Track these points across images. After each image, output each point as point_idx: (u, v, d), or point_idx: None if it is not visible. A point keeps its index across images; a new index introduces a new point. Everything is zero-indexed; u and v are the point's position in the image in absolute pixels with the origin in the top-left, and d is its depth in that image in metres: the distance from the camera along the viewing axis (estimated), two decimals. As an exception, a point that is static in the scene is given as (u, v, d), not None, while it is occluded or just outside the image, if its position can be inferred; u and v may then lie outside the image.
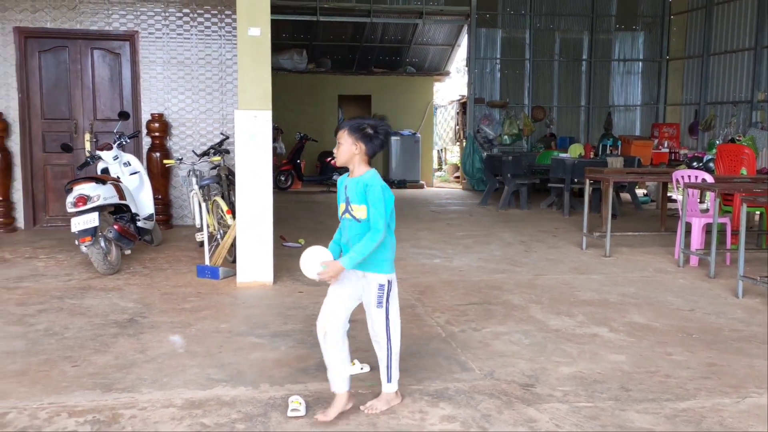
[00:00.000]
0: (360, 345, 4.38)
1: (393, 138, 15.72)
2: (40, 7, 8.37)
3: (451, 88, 19.98)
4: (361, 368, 3.91)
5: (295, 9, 13.53)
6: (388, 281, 3.39)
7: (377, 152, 3.34)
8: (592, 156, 11.91)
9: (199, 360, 4.12)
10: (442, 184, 17.08)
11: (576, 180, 10.32)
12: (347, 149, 3.29)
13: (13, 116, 8.42)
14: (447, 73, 17.75)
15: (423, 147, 16.15)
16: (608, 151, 12.26)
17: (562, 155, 11.33)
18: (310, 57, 15.88)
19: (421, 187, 15.77)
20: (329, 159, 14.52)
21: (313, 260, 3.44)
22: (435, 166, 18.35)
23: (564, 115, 15.25)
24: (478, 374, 3.90)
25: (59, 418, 3.29)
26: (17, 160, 8.48)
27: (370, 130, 3.27)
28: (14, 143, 8.45)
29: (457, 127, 17.41)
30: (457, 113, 17.43)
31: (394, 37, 16.33)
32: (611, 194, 8.12)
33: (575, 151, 11.68)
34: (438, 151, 19.40)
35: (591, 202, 8.34)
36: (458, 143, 17.54)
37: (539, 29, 14.98)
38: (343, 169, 3.60)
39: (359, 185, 3.27)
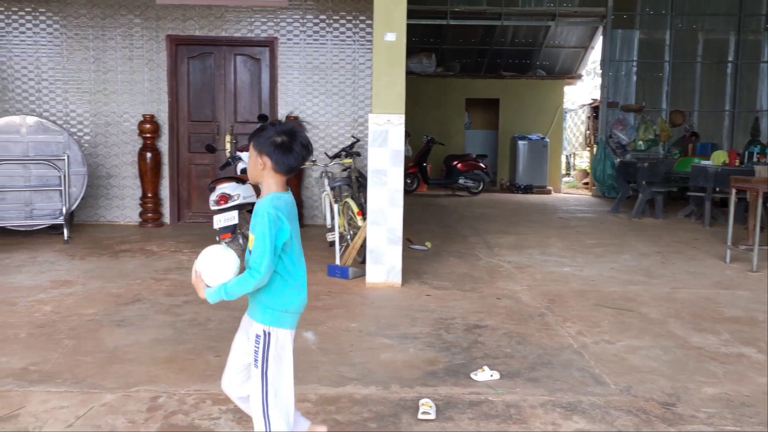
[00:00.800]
0: (488, 351, 4.36)
1: (520, 142, 15.51)
2: (189, 16, 8.89)
3: (582, 92, 19.43)
4: (491, 375, 3.88)
5: (426, 13, 13.61)
6: (266, 333, 2.61)
7: (294, 168, 2.59)
8: (737, 164, 11.21)
9: (331, 357, 4.23)
10: (570, 190, 16.64)
11: (719, 189, 9.75)
12: (252, 165, 2.61)
13: (163, 118, 9.00)
14: (579, 76, 17.29)
15: (551, 152, 15.82)
16: (755, 159, 11.50)
17: (704, 162, 10.73)
18: (439, 60, 15.94)
19: (548, 192, 15.46)
20: (455, 162, 14.52)
21: (211, 261, 2.72)
22: (563, 171, 17.92)
23: (706, 120, 14.45)
24: (613, 389, 3.77)
25: (204, 404, 3.49)
26: (165, 160, 9.05)
27: (279, 140, 2.56)
28: (163, 144, 9.03)
29: (588, 131, 16.92)
30: (588, 117, 16.93)
31: (525, 39, 16.09)
32: (760, 205, 7.62)
33: (718, 158, 11.03)
34: (567, 156, 18.93)
35: (735, 212, 7.86)
36: (588, 148, 17.03)
37: (681, 30, 14.28)
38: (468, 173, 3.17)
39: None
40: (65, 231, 7.77)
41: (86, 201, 8.81)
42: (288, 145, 2.55)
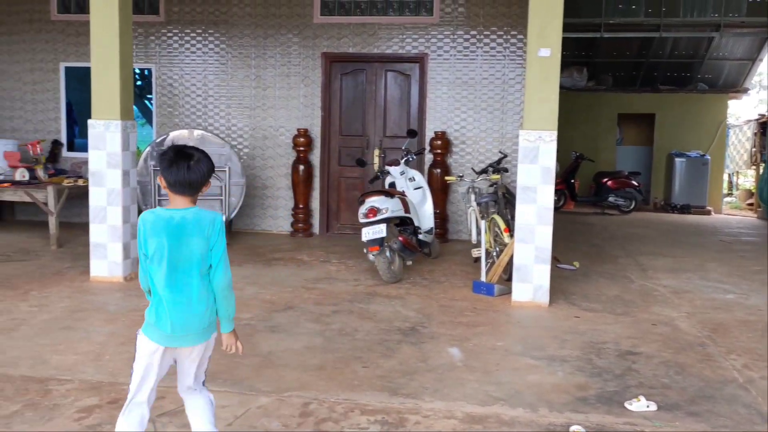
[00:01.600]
0: (644, 380, 4.15)
1: (677, 159, 14.72)
2: (344, 34, 9.21)
3: (747, 106, 18.15)
4: (647, 406, 3.69)
5: (579, 26, 13.26)
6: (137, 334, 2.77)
7: (177, 180, 2.63)
8: None
9: (477, 375, 4.19)
10: (733, 212, 15.56)
11: None
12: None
13: (316, 132, 9.36)
14: (744, 90, 16.16)
15: (712, 170, 14.88)
16: None
17: None
18: (591, 74, 15.47)
19: (708, 213, 14.54)
20: (606, 179, 14.01)
21: None
22: (725, 191, 16.80)
23: None
24: (785, 430, 3.48)
25: (353, 414, 3.57)
26: (317, 172, 9.40)
27: (164, 158, 2.67)
28: (315, 157, 9.38)
29: (754, 149, 15.75)
30: (755, 134, 15.76)
31: (685, 51, 15.26)
32: None
33: None
34: (729, 174, 17.73)
35: None
36: (754, 167, 15.86)
37: None
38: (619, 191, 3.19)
39: None
40: (224, 238, 8.24)
41: (243, 210, 9.31)
42: (168, 161, 2.66)
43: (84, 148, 9.50)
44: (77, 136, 9.99)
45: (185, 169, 2.66)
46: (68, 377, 4.01)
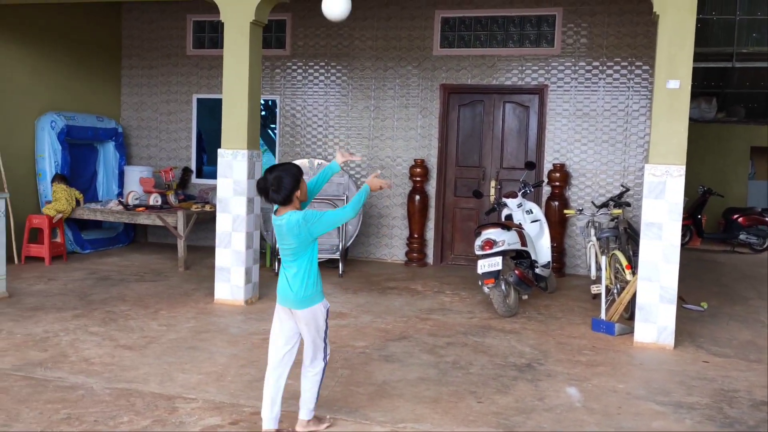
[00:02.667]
0: None
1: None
2: (463, 66, 9.26)
3: None
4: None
5: (709, 56, 12.70)
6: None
7: (269, 199, 3.52)
8: None
9: (597, 418, 4.04)
10: None
11: None
12: None
13: (432, 163, 9.42)
14: None
15: None
16: None
17: None
18: (720, 105, 14.73)
19: None
20: (736, 216, 13.23)
21: None
22: None
23: None
24: None
25: (467, 450, 3.52)
26: (432, 202, 9.43)
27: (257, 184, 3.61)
28: (431, 187, 9.43)
29: None
30: None
31: (826, 81, 14.28)
32: None
33: None
34: None
35: None
36: None
37: None
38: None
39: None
40: (341, 266, 8.41)
41: (359, 239, 9.47)
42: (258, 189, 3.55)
43: (211, 175, 10.03)
44: (206, 164, 10.53)
45: (275, 192, 3.48)
46: (193, 396, 4.19)
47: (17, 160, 8.75)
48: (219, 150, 6.76)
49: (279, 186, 3.45)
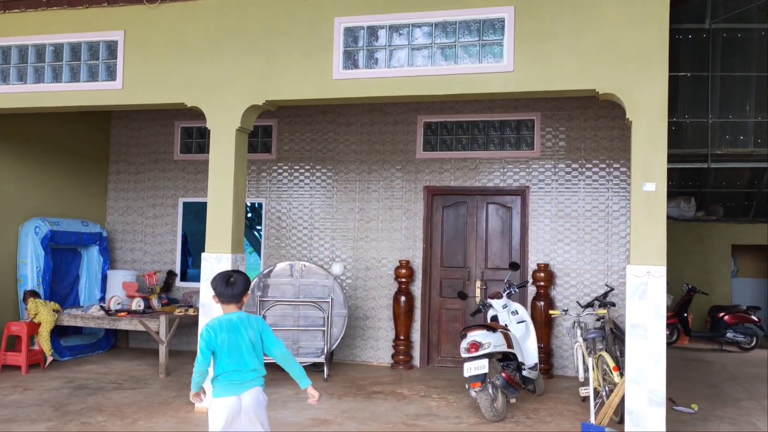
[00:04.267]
0: None
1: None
2: (446, 168, 9.45)
3: None
4: None
5: (684, 157, 13.05)
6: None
7: (223, 293, 3.98)
8: None
9: None
10: None
11: None
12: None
13: (418, 264, 9.44)
14: None
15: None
16: None
17: None
18: (699, 204, 15.02)
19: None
20: (722, 314, 13.23)
21: None
22: None
23: None
24: None
25: None
26: (418, 303, 9.40)
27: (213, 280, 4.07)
28: (416, 288, 9.42)
29: None
30: None
31: (802, 180, 14.64)
32: None
33: None
34: None
35: None
36: None
37: None
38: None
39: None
40: (325, 369, 8.26)
41: (344, 341, 9.35)
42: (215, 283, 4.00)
43: (196, 278, 9.94)
44: (191, 267, 10.50)
45: (228, 286, 3.95)
46: None
47: (-1, 266, 8.70)
48: (203, 254, 6.76)
49: (236, 283, 3.98)
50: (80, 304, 9.73)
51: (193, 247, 10.50)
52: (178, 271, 10.39)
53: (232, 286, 3.96)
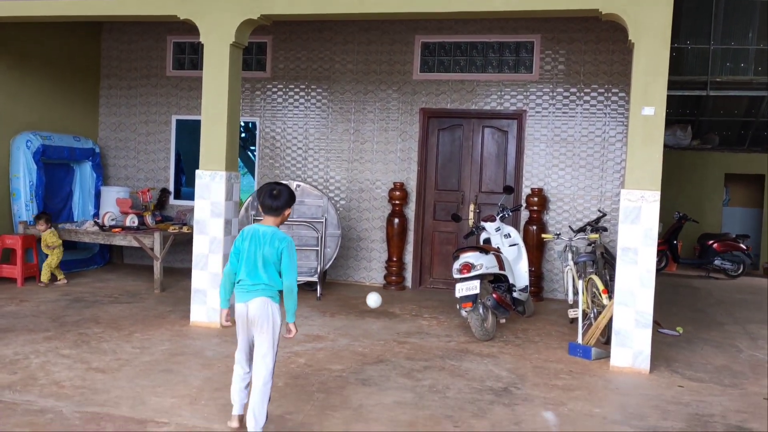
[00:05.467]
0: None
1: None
2: (442, 91, 9.33)
3: None
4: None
5: (683, 84, 12.92)
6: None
7: (265, 204, 3.96)
8: None
9: (573, 443, 4.03)
10: None
11: None
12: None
13: (412, 186, 9.44)
14: None
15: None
16: None
17: None
18: (695, 133, 14.97)
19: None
20: (711, 242, 13.38)
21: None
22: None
23: None
24: None
25: (443, 475, 3.48)
26: (411, 226, 9.45)
27: (260, 189, 4.07)
28: (410, 210, 9.45)
29: None
30: None
31: (798, 110, 14.55)
32: None
33: None
34: None
35: None
36: None
37: None
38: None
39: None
40: (318, 288, 8.36)
41: (338, 261, 9.44)
42: (261, 192, 3.98)
43: (189, 197, 9.97)
44: (184, 185, 10.48)
45: (269, 197, 3.94)
46: (165, 420, 4.12)
47: (-9, 180, 8.66)
48: (197, 171, 6.73)
49: (280, 196, 3.95)
50: (74, 219, 9.73)
51: (186, 165, 10.44)
52: (171, 189, 10.37)
53: (275, 198, 3.93)
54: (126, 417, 4.14)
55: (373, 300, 4.34)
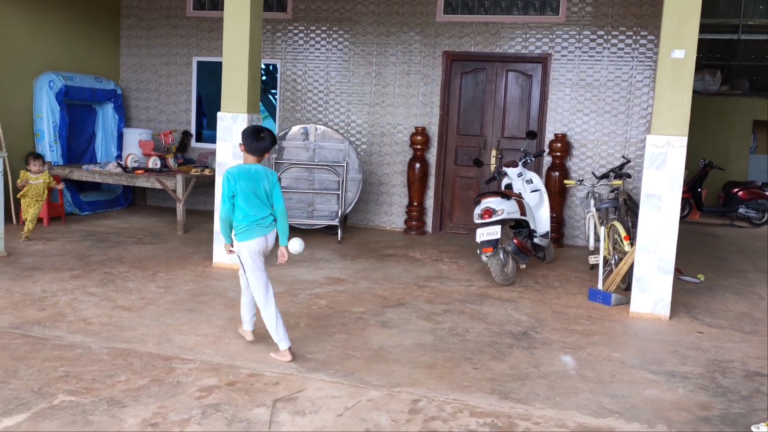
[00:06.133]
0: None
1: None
2: (466, 33, 9.16)
3: None
4: None
5: (714, 27, 12.59)
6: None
7: (251, 146, 4.28)
8: None
9: (591, 386, 4.07)
10: None
11: None
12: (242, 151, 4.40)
13: (434, 131, 9.36)
14: None
15: None
16: None
17: None
18: (724, 78, 14.64)
19: None
20: (736, 189, 13.21)
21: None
22: None
23: None
24: None
25: (462, 415, 3.55)
26: (432, 171, 9.40)
27: (248, 132, 4.33)
28: (431, 155, 9.39)
29: None
30: None
31: (831, 56, 14.16)
32: None
33: None
34: None
35: None
36: None
37: None
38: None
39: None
40: (339, 232, 8.41)
41: (358, 205, 9.46)
42: (247, 134, 4.31)
43: (211, 140, 9.98)
44: (205, 128, 10.48)
45: (256, 139, 4.27)
46: (190, 357, 4.21)
47: (15, 120, 8.70)
48: (219, 113, 6.71)
49: (266, 138, 4.30)
50: (97, 161, 9.81)
51: (207, 108, 10.42)
52: (193, 131, 10.38)
53: (261, 141, 4.28)
54: (152, 353, 4.24)
55: (294, 247, 4.66)
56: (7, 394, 3.54)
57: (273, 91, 10.19)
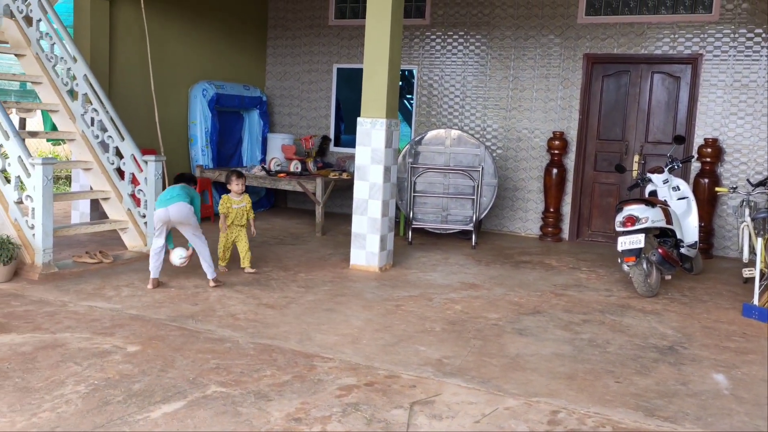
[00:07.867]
0: None
1: None
2: (609, 35, 8.85)
3: None
4: None
5: None
6: None
7: None
8: None
9: (747, 408, 3.80)
10: None
11: None
12: None
13: (572, 135, 9.12)
14: None
15: None
16: None
17: None
18: None
19: None
20: None
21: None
22: None
23: None
24: None
25: (604, 430, 3.42)
26: (570, 176, 9.16)
27: None
28: (570, 160, 9.15)
29: None
30: None
31: None
32: None
33: None
34: None
35: None
36: None
37: None
38: None
39: None
40: (473, 237, 8.37)
41: (493, 211, 9.38)
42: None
43: (348, 144, 10.25)
44: (343, 133, 10.76)
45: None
46: (330, 356, 4.33)
47: (171, 126, 9.32)
48: (358, 119, 6.87)
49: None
50: (243, 164, 10.32)
51: (345, 113, 10.70)
52: (332, 136, 10.69)
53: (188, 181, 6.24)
54: (295, 350, 4.40)
55: (175, 259, 5.64)
56: (166, 382, 3.79)
57: (408, 96, 10.30)
